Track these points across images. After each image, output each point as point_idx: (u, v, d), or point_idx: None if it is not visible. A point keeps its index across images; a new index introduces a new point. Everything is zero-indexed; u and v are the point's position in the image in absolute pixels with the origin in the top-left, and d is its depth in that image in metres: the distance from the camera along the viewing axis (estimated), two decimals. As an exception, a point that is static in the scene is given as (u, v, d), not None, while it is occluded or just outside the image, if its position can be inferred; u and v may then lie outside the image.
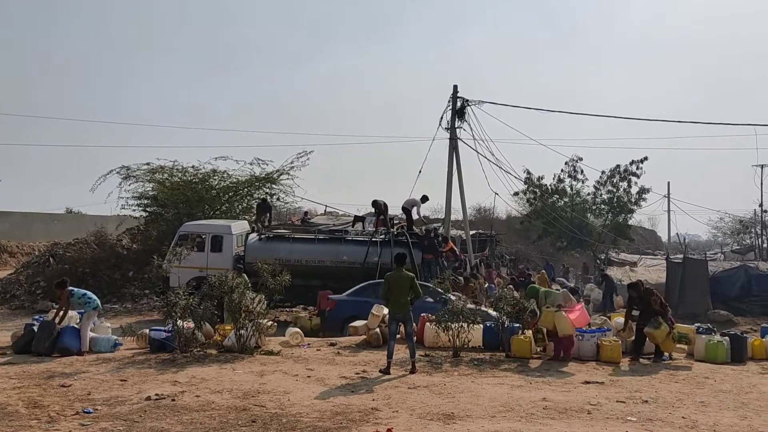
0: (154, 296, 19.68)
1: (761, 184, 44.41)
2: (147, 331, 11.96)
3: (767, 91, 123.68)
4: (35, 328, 11.40)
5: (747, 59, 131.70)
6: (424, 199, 19.91)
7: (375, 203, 19.49)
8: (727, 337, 11.84)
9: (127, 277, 22.26)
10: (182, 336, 11.19)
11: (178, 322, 11.21)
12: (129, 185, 24.17)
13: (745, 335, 12.61)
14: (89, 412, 7.47)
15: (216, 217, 22.87)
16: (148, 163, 24.31)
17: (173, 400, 8.06)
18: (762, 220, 44.70)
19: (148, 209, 25.01)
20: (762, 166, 44.27)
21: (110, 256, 22.81)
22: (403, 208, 19.69)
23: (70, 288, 11.70)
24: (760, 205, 44.40)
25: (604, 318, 13.22)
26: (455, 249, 19.32)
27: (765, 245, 44.68)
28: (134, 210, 25.05)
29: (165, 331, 11.61)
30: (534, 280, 21.07)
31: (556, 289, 15.96)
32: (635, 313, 11.94)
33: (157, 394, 8.26)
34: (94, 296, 11.84)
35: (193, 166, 24.56)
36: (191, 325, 11.41)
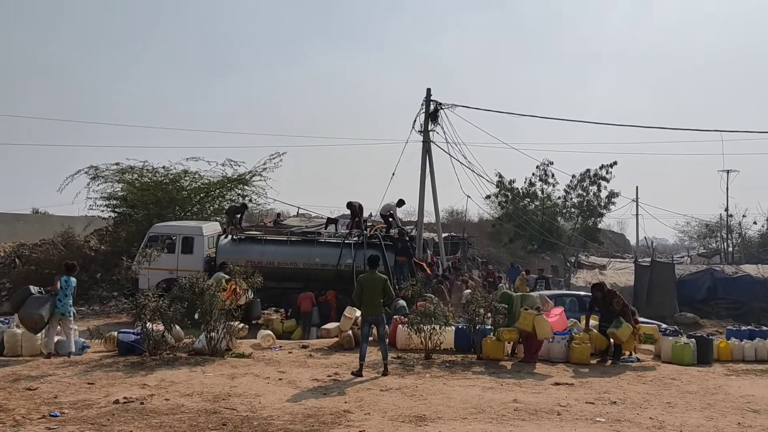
0: (122, 298, 19.30)
1: (727, 189, 45.27)
2: (115, 333, 11.79)
3: (734, 98, 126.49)
4: (33, 292, 11.24)
5: (713, 66, 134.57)
6: (400, 203, 19.98)
7: (350, 205, 19.47)
8: (693, 339, 12.07)
9: (95, 278, 21.92)
10: (151, 338, 11.06)
11: (147, 325, 11.07)
12: (97, 185, 23.79)
13: (710, 337, 12.87)
14: (56, 416, 7.33)
15: (187, 219, 22.63)
16: (117, 163, 23.97)
17: (142, 403, 7.95)
18: (728, 224, 45.57)
19: (117, 210, 24.63)
20: (728, 172, 45.09)
21: (78, 257, 22.30)
22: (381, 215, 19.73)
23: (65, 277, 11.42)
24: (726, 210, 45.27)
25: (574, 320, 13.33)
26: (425, 267, 19.23)
27: (730, 249, 45.60)
28: (103, 211, 24.64)
29: (134, 333, 11.46)
30: (503, 284, 21.26)
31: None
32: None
33: (125, 398, 8.14)
34: (66, 303, 11.32)
35: (163, 167, 24.28)
36: (161, 327, 11.27)
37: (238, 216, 20.22)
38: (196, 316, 11.39)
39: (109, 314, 19.40)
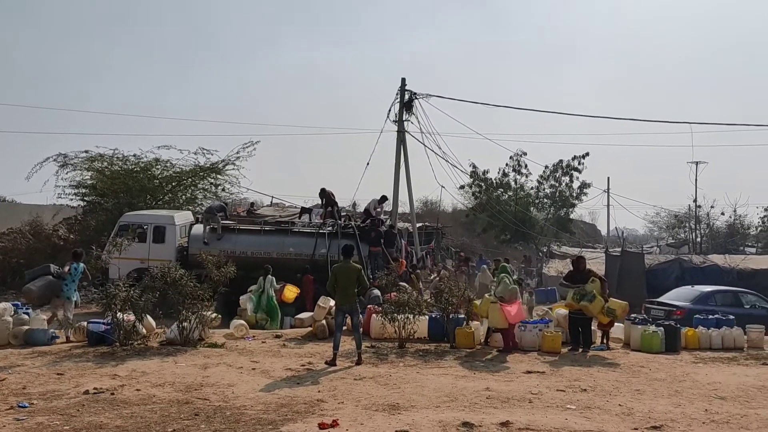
0: (92, 288, 19.10)
1: (696, 180, 46.11)
2: (85, 323, 11.63)
3: (703, 91, 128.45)
4: (52, 271, 12.30)
5: (684, 61, 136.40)
6: (383, 199, 20.29)
7: (323, 192, 19.45)
8: (661, 328, 12.28)
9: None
10: (122, 329, 10.93)
11: (117, 315, 10.93)
12: (66, 173, 23.33)
13: (678, 326, 13.09)
14: (24, 407, 7.22)
15: (158, 208, 22.32)
16: (86, 151, 23.49)
17: (112, 394, 7.87)
18: (696, 215, 46.45)
19: (86, 198, 24.21)
20: (697, 163, 45.90)
21: (46, 246, 21.96)
22: (366, 211, 19.79)
23: (74, 264, 12.21)
24: (695, 201, 46.14)
25: (546, 309, 13.52)
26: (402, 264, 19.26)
27: (699, 239, 46.48)
28: (72, 199, 24.22)
29: (104, 323, 11.32)
30: (477, 272, 21.40)
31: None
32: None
33: (95, 388, 8.05)
34: (71, 287, 12.21)
35: (134, 155, 23.88)
36: (132, 317, 11.15)
37: (220, 215, 19.91)
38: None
39: (79, 304, 19.07)
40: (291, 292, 15.71)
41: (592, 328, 12.22)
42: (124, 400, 7.61)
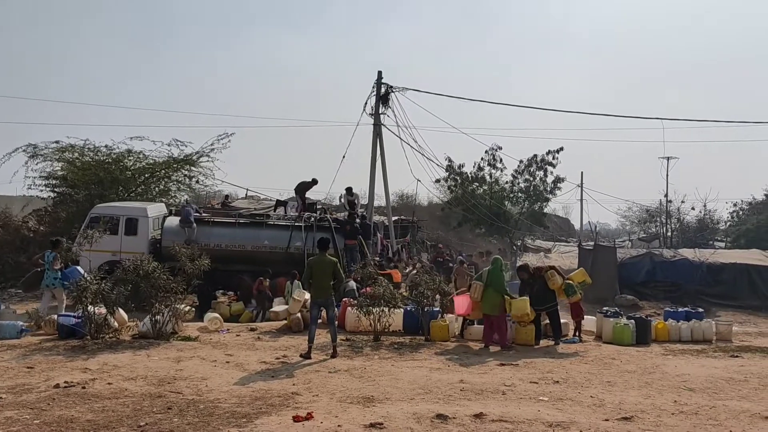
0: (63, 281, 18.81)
1: (667, 175, 46.89)
2: (55, 316, 11.47)
3: (675, 88, 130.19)
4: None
5: (657, 60, 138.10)
6: (349, 190, 20.46)
7: (300, 187, 19.56)
8: (632, 321, 12.46)
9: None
10: (93, 322, 10.79)
11: (89, 308, 10.78)
12: (36, 164, 22.96)
13: (649, 319, 13.31)
14: (-8, 402, 7.09)
15: (131, 200, 22.05)
16: (57, 142, 23.14)
17: (84, 387, 7.76)
18: (667, 209, 47.18)
19: (56, 190, 23.83)
20: (668, 159, 46.71)
21: (15, 238, 21.58)
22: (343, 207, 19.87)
23: (47, 251, 12.59)
24: (666, 196, 46.91)
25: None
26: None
27: (669, 234, 47.23)
28: (42, 190, 23.82)
29: (75, 317, 11.16)
30: (454, 265, 21.49)
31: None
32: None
33: (66, 382, 7.93)
34: (49, 276, 12.46)
35: (106, 146, 23.56)
36: (103, 310, 11.00)
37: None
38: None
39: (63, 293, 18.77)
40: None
41: (564, 321, 12.39)
42: (95, 393, 7.51)
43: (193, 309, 12.83)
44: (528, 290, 12.20)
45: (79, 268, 12.73)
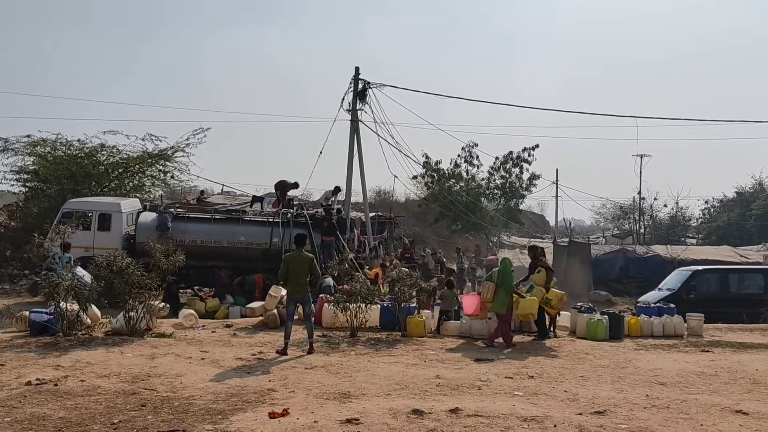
0: (34, 277, 18.52)
1: (640, 173, 47.48)
2: (27, 313, 11.29)
3: (649, 87, 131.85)
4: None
5: (632, 62, 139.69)
6: (336, 190, 20.50)
7: (280, 184, 19.52)
8: (606, 316, 12.60)
9: (5, 256, 20.81)
10: (66, 318, 10.63)
11: (61, 304, 10.63)
12: (7, 158, 22.56)
13: (622, 314, 13.44)
14: (-39, 400, 6.96)
15: (104, 195, 21.73)
16: (28, 136, 22.72)
17: (56, 384, 7.66)
18: (640, 207, 47.83)
19: (28, 184, 23.43)
20: (641, 156, 47.28)
21: (-14, 233, 21.25)
22: (321, 204, 19.83)
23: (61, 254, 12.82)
24: (639, 193, 47.53)
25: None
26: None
27: (642, 230, 47.90)
28: (13, 185, 23.42)
29: (47, 313, 10.99)
30: (426, 261, 21.58)
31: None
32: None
33: (38, 379, 7.82)
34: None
35: (78, 140, 23.16)
36: (76, 307, 10.85)
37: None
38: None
39: (20, 293, 18.50)
40: None
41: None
42: (67, 391, 7.42)
43: (168, 306, 12.70)
44: (529, 272, 12.53)
45: (79, 269, 12.37)
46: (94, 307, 11.27)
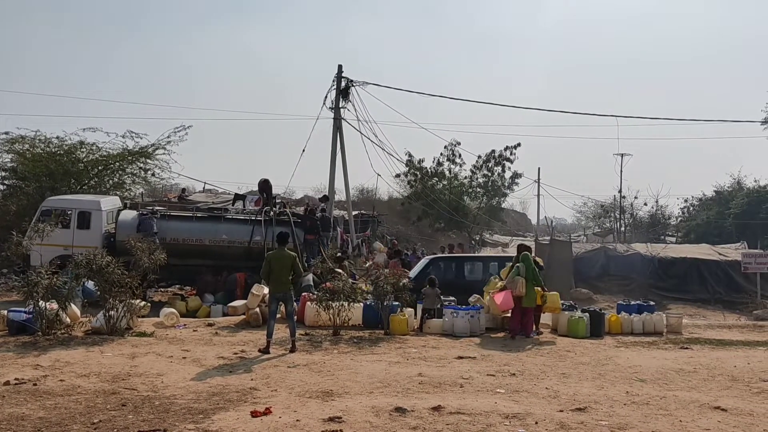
0: (13, 275, 18.27)
1: (621, 171, 47.92)
2: (5, 312, 11.14)
3: (630, 87, 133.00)
4: None
5: (614, 63, 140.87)
6: (324, 199, 20.76)
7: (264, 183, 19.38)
8: (587, 314, 12.72)
9: (-18, 255, 20.51)
10: (45, 317, 10.51)
11: (40, 303, 10.50)
12: (-16, 156, 22.23)
13: (603, 312, 13.57)
14: (-63, 401, 6.85)
15: (84, 192, 21.50)
16: (6, 133, 22.43)
17: (35, 384, 7.57)
18: (621, 205, 48.25)
19: (6, 182, 23.20)
20: (622, 155, 47.69)
21: (-38, 232, 20.89)
22: (309, 211, 19.68)
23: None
24: (620, 191, 47.95)
25: (477, 296, 13.75)
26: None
27: (623, 229, 48.33)
28: (-10, 183, 23.08)
29: (25, 312, 10.86)
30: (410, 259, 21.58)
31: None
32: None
33: (17, 379, 7.72)
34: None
35: (57, 137, 22.88)
36: (55, 306, 10.73)
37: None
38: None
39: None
40: None
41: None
42: (47, 390, 7.34)
43: (149, 304, 12.60)
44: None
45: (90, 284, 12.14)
46: (73, 305, 11.15)
